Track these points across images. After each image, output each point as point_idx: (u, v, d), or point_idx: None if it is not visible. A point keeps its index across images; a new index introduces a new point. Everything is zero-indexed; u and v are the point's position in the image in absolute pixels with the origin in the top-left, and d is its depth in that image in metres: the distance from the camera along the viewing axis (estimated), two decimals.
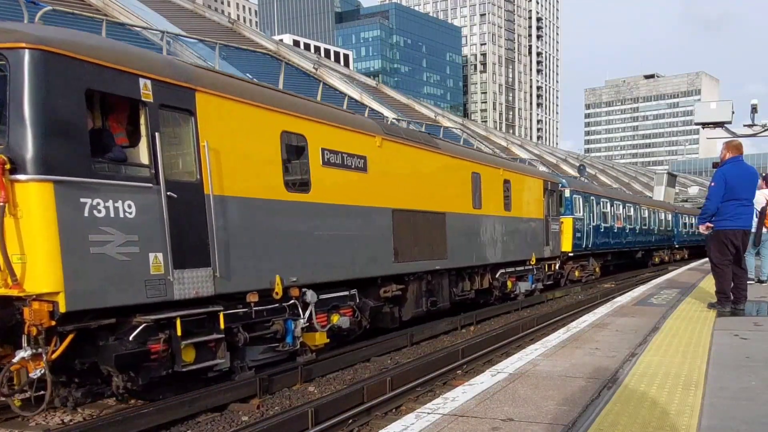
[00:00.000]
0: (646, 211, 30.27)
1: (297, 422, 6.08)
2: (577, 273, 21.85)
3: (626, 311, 8.86)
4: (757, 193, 11.37)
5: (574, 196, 21.04)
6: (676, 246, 36.44)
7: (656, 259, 33.19)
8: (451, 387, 7.13)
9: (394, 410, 7.00)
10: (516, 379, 4.94)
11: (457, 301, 12.89)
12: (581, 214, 21.28)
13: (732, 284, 8.00)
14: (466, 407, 4.18)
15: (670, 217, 34.83)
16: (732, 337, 6.45)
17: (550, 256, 17.96)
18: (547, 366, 5.38)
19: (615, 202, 25.82)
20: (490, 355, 9.86)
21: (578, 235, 20.97)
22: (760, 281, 11.59)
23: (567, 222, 19.81)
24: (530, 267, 16.59)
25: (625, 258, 28.94)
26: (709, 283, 10.45)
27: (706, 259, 9.91)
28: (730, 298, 8.03)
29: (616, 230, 25.40)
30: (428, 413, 4.04)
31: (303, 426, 6.10)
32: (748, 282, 8.18)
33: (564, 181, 21.40)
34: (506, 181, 14.84)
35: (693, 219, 37.63)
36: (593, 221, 22.55)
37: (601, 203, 23.77)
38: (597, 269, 23.92)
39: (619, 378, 4.84)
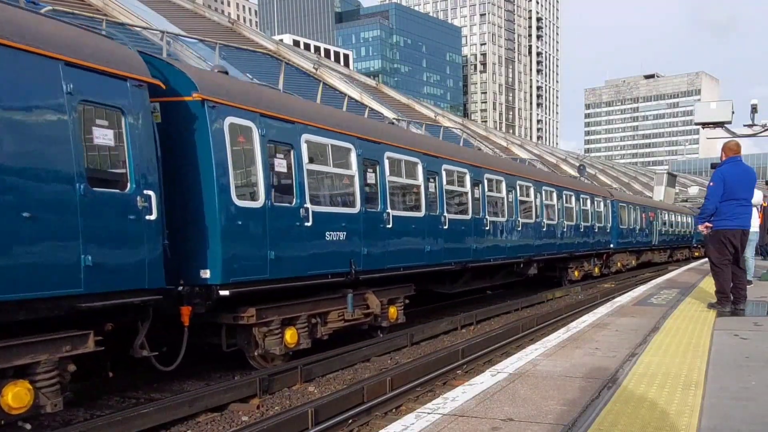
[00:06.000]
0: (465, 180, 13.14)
1: (297, 422, 6.08)
2: None
3: (626, 311, 8.87)
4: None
5: None
6: (536, 258, 17.30)
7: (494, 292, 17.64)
8: (451, 387, 7.12)
9: (394, 410, 7.00)
10: (516, 379, 4.94)
11: None
12: None
13: (731, 284, 8.01)
14: (466, 407, 4.18)
15: (539, 197, 17.25)
16: (732, 337, 6.46)
17: None
18: (547, 366, 5.38)
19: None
20: (490, 355, 9.86)
21: None
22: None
23: None
24: None
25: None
26: (709, 283, 10.45)
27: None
28: (730, 298, 8.04)
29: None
30: (428, 413, 4.05)
31: (303, 426, 6.10)
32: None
33: None
34: None
35: (576, 201, 20.51)
36: None
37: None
38: None
39: (618, 378, 4.85)
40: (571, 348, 6.17)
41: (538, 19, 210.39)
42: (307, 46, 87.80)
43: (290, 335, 8.23)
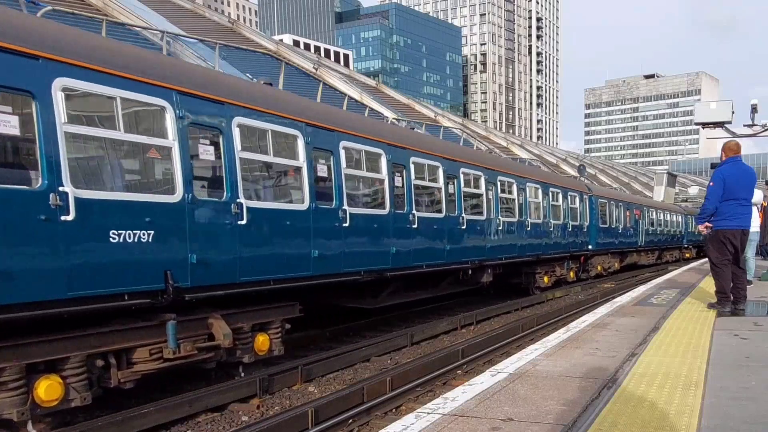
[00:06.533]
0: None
1: (297, 422, 6.09)
2: None
3: (626, 311, 8.87)
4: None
5: None
6: (489, 262, 15.13)
7: None
8: (451, 387, 7.13)
9: (394, 410, 7.01)
10: (516, 379, 4.94)
11: None
12: None
13: (731, 284, 8.01)
14: (466, 407, 4.18)
15: (492, 190, 14.34)
16: (732, 337, 6.46)
17: None
18: (547, 366, 5.38)
19: None
20: (490, 355, 9.87)
21: None
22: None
23: None
24: None
25: None
26: (709, 283, 10.46)
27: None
28: (730, 298, 8.04)
29: None
30: (428, 413, 4.05)
31: (303, 426, 6.10)
32: None
33: None
34: None
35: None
36: None
37: None
38: None
39: (618, 378, 4.85)
40: (571, 348, 6.17)
41: (538, 19, 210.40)
42: (307, 46, 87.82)
43: (46, 389, 5.32)
